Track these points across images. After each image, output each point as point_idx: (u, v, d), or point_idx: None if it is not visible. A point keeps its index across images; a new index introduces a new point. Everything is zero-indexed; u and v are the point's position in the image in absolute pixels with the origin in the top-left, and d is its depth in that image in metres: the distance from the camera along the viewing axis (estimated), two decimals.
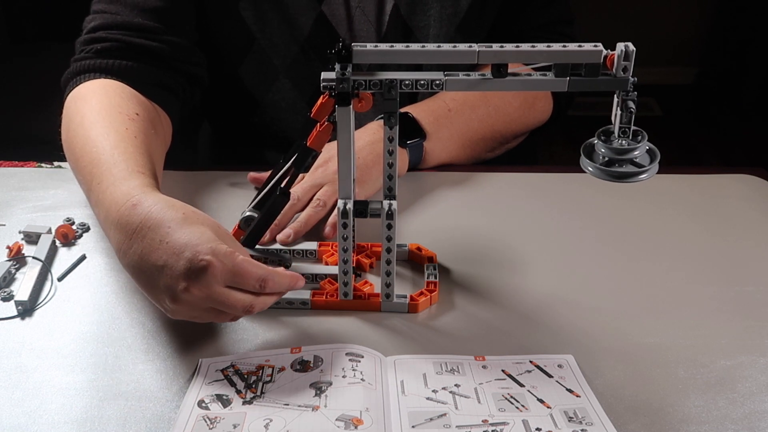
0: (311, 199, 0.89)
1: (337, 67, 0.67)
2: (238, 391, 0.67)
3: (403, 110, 0.98)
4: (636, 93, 0.70)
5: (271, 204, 0.78)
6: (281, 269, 0.71)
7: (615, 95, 0.71)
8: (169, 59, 0.97)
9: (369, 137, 0.94)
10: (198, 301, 0.67)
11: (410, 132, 0.97)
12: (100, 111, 0.86)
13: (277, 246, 0.86)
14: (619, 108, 0.71)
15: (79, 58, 0.95)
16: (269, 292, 0.69)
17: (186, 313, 0.69)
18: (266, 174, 0.93)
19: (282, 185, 0.78)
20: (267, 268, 0.69)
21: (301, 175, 0.92)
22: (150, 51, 0.95)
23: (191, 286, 0.66)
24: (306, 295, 0.78)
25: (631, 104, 0.70)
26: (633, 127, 0.72)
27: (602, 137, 0.73)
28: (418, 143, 0.97)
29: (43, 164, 1.02)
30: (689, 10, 3.11)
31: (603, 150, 0.73)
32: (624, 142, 0.72)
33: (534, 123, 1.10)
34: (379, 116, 0.97)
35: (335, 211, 0.86)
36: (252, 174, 0.96)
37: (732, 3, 2.96)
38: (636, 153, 0.72)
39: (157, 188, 0.76)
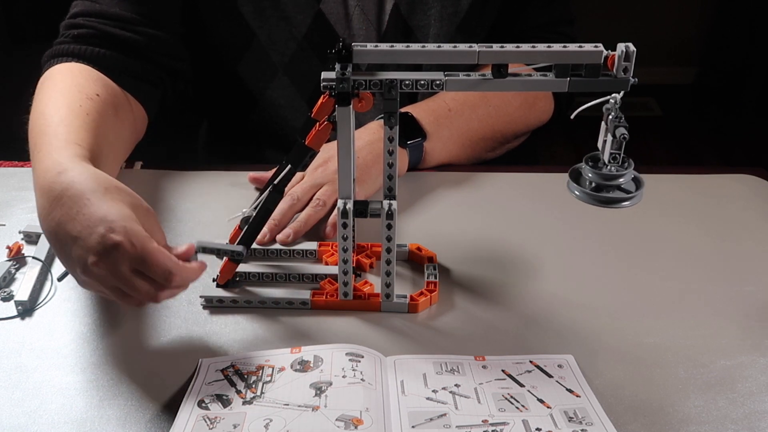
0: (311, 198, 0.89)
1: (337, 66, 0.67)
2: (238, 391, 0.67)
3: (403, 110, 0.98)
4: (626, 124, 0.71)
5: (265, 201, 0.77)
6: (188, 263, 0.69)
7: (603, 121, 0.72)
8: (146, 51, 0.98)
9: (369, 137, 0.94)
10: (104, 277, 0.67)
11: (410, 132, 0.97)
12: (61, 89, 0.88)
13: (277, 246, 0.86)
14: (610, 134, 0.72)
15: (58, 42, 0.97)
16: (174, 286, 0.68)
17: (94, 286, 0.69)
18: (266, 174, 0.93)
19: (276, 182, 0.77)
20: (175, 262, 0.68)
21: (299, 175, 0.92)
22: (125, 41, 0.96)
23: (100, 261, 0.66)
24: (306, 295, 0.78)
25: (624, 131, 0.71)
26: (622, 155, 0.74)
27: (590, 162, 0.75)
28: (418, 143, 0.97)
29: None
30: (689, 10, 3.11)
31: (590, 175, 0.75)
32: (612, 168, 0.74)
33: (535, 123, 1.10)
34: (379, 116, 0.97)
35: (335, 211, 0.86)
36: (252, 174, 0.96)
37: (732, 3, 2.96)
38: (622, 180, 0.74)
39: (90, 161, 0.76)
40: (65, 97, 0.86)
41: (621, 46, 0.66)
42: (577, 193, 0.75)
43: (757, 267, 0.84)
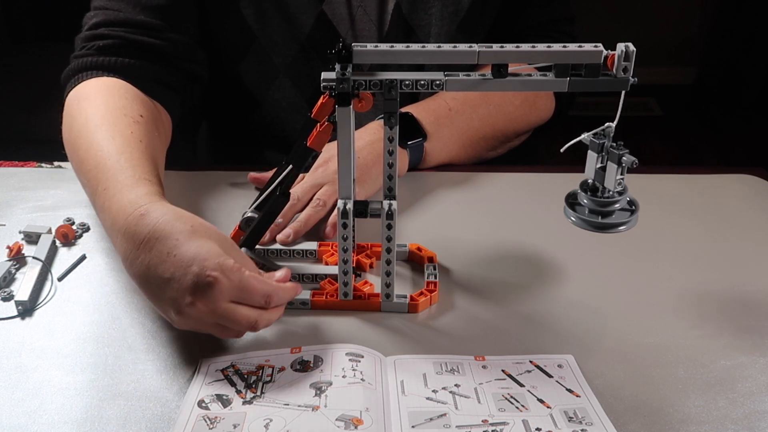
0: (311, 199, 0.89)
1: (338, 67, 0.67)
2: (238, 391, 0.67)
3: (403, 110, 0.98)
4: (627, 150, 0.73)
5: (271, 204, 0.78)
6: (284, 283, 0.71)
7: (593, 151, 0.73)
8: (171, 57, 0.97)
9: (369, 137, 0.94)
10: (203, 316, 0.67)
11: (411, 132, 0.97)
12: (104, 112, 0.86)
13: (277, 246, 0.86)
14: (612, 162, 0.73)
15: (80, 55, 0.95)
16: (274, 306, 0.69)
17: (191, 325, 0.69)
18: (267, 174, 0.93)
19: (282, 186, 0.78)
20: (272, 284, 0.69)
21: (301, 175, 0.92)
22: (152, 48, 0.95)
23: (197, 301, 0.66)
24: (306, 295, 0.78)
25: (634, 158, 0.73)
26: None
27: (585, 188, 0.76)
28: (418, 144, 0.97)
29: (43, 164, 1.02)
30: (689, 10, 3.11)
31: (586, 201, 0.76)
32: (608, 194, 0.75)
33: (536, 121, 1.10)
34: (380, 116, 0.97)
35: (335, 211, 0.86)
36: (252, 174, 0.96)
37: (732, 3, 2.96)
38: (618, 206, 0.75)
39: (164, 196, 0.76)
40: (113, 123, 0.84)
41: (621, 46, 0.66)
42: (573, 219, 0.77)
43: (757, 267, 0.84)
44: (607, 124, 0.72)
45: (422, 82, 0.68)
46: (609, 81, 0.67)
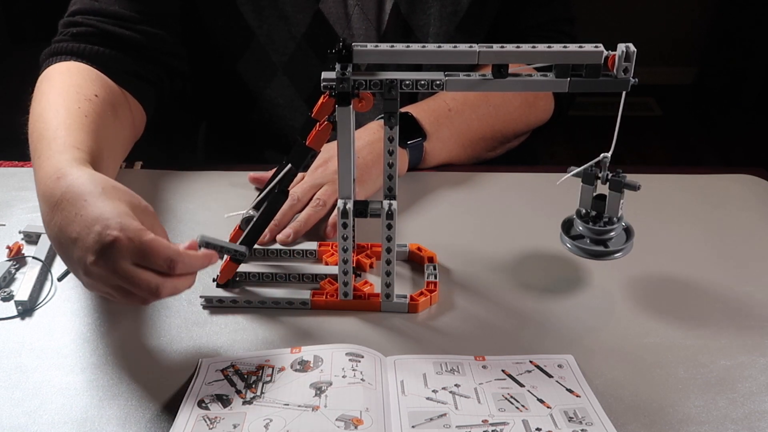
0: (311, 199, 0.89)
1: (338, 66, 0.67)
2: (238, 391, 0.67)
3: (403, 110, 0.98)
4: (624, 175, 0.75)
5: (269, 202, 0.78)
6: (193, 251, 0.69)
7: (587, 183, 0.76)
8: (144, 49, 0.98)
9: (369, 137, 0.94)
10: (106, 276, 0.66)
11: (410, 132, 0.97)
12: (59, 91, 0.87)
13: (277, 246, 0.86)
14: (613, 191, 0.75)
15: (57, 40, 0.97)
16: (179, 273, 0.67)
17: (98, 287, 0.69)
18: (267, 174, 0.93)
19: (280, 184, 0.77)
20: (177, 249, 0.67)
21: (300, 175, 0.92)
22: (124, 39, 0.96)
23: (99, 260, 0.65)
24: (306, 295, 0.78)
25: (636, 183, 0.75)
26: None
27: (581, 216, 0.77)
28: (418, 143, 0.97)
29: None
30: (689, 9, 3.11)
31: (581, 229, 0.77)
32: (603, 221, 0.77)
33: (535, 122, 1.10)
34: (379, 116, 0.97)
35: (335, 211, 0.86)
36: (252, 174, 0.96)
37: (732, 3, 2.96)
38: (613, 234, 0.77)
39: (89, 164, 0.76)
40: (63, 98, 0.86)
41: (621, 47, 0.66)
42: (569, 246, 0.78)
43: (757, 267, 0.84)
44: (602, 155, 0.74)
45: (422, 82, 0.68)
46: (609, 81, 0.67)
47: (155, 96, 1.01)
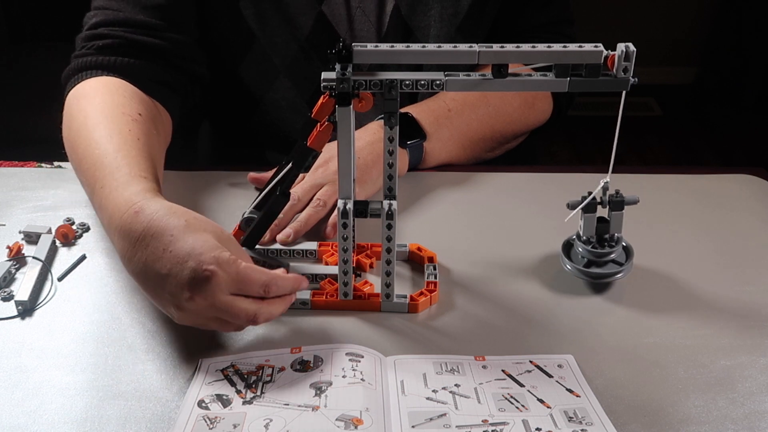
0: (311, 199, 0.89)
1: (338, 67, 0.67)
2: (238, 391, 0.67)
3: (403, 110, 0.98)
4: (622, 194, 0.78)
5: (271, 204, 0.78)
6: (282, 271, 0.71)
7: (585, 210, 0.77)
8: (171, 57, 0.97)
9: (369, 137, 0.94)
10: (202, 310, 0.67)
11: (410, 132, 0.97)
12: (103, 110, 0.86)
13: (277, 246, 0.86)
14: (620, 210, 0.77)
15: (80, 55, 0.95)
16: (273, 296, 0.69)
17: (191, 320, 0.69)
18: (266, 174, 0.93)
19: (282, 185, 0.78)
20: (269, 273, 0.69)
21: (301, 176, 0.92)
22: (152, 48, 0.95)
23: (195, 296, 0.66)
24: (306, 295, 0.78)
25: (635, 197, 0.77)
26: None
27: (581, 239, 0.79)
28: (418, 144, 0.97)
29: (43, 164, 1.02)
30: (689, 9, 3.11)
31: (581, 250, 0.79)
32: (604, 242, 0.79)
33: (534, 123, 1.10)
34: (380, 116, 0.97)
35: (335, 211, 0.86)
36: (252, 174, 0.96)
37: (732, 3, 2.96)
38: (614, 255, 0.79)
39: (160, 192, 0.76)
40: (111, 120, 0.85)
41: (621, 46, 0.66)
42: (569, 267, 0.80)
43: (757, 267, 0.84)
44: (603, 181, 0.76)
45: (422, 82, 0.68)
46: (609, 81, 0.68)
47: (180, 103, 1.00)
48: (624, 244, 0.80)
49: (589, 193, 0.76)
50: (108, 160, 0.79)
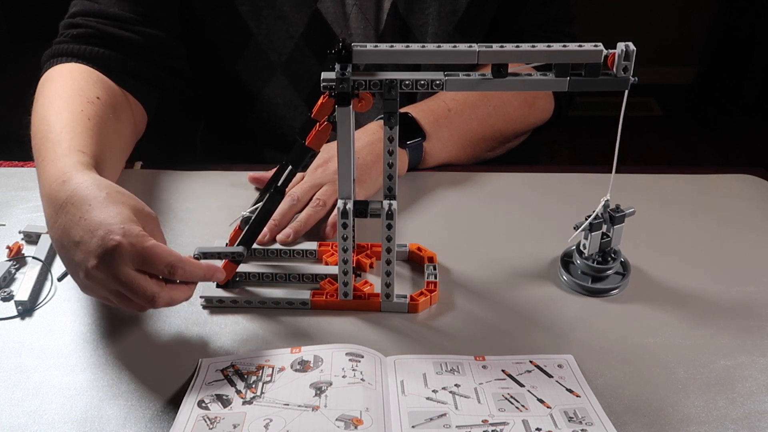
0: (311, 199, 0.89)
1: (337, 67, 0.67)
2: (238, 391, 0.67)
3: (402, 110, 0.98)
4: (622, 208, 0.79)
5: (266, 201, 0.77)
6: (198, 263, 0.70)
7: (587, 230, 0.78)
8: (144, 50, 0.98)
9: (368, 138, 0.94)
10: (106, 280, 0.67)
11: (410, 132, 0.97)
12: (62, 93, 0.88)
13: (277, 246, 0.86)
14: (621, 223, 0.78)
15: (58, 41, 0.97)
16: (180, 280, 0.69)
17: (96, 291, 0.70)
18: (267, 174, 0.93)
19: (278, 183, 0.77)
20: (178, 256, 0.68)
21: (300, 175, 0.92)
22: (124, 41, 0.97)
23: (100, 264, 0.66)
24: (306, 295, 0.78)
25: (632, 210, 0.79)
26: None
27: (580, 253, 0.80)
28: (417, 144, 0.97)
29: None
30: (689, 10, 3.11)
31: (579, 262, 0.80)
32: (602, 255, 0.80)
33: (535, 122, 1.10)
34: (379, 116, 0.97)
35: (335, 211, 0.86)
36: (252, 174, 0.96)
37: (732, 3, 2.96)
38: (611, 271, 0.80)
39: (93, 168, 0.77)
40: (66, 101, 0.86)
41: (621, 45, 0.66)
42: (565, 279, 0.81)
43: (756, 267, 0.84)
44: (604, 200, 0.77)
45: (422, 82, 0.68)
46: (609, 80, 0.67)
47: (156, 97, 1.01)
48: (622, 259, 0.81)
49: (593, 212, 0.78)
50: (53, 135, 0.81)
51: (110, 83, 0.94)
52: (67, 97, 0.87)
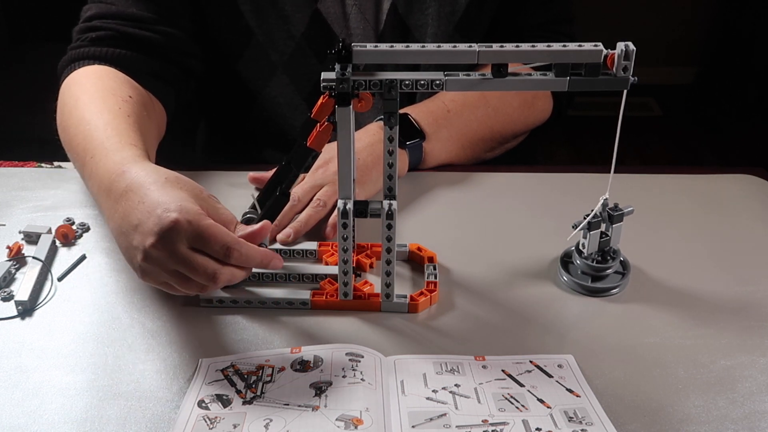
0: (311, 199, 0.89)
1: (337, 67, 0.67)
2: (238, 391, 0.67)
3: (402, 111, 0.98)
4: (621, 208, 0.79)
5: (271, 204, 0.78)
6: (254, 246, 0.71)
7: (587, 229, 0.78)
8: (163, 50, 0.98)
9: (369, 138, 0.94)
10: (164, 260, 0.68)
11: (409, 133, 0.97)
12: (93, 93, 0.89)
13: (277, 246, 0.86)
14: (620, 222, 0.78)
15: (75, 46, 0.97)
16: (235, 263, 0.69)
17: (154, 275, 0.70)
18: (266, 174, 0.93)
19: (282, 185, 0.78)
20: (235, 237, 0.69)
21: (301, 176, 0.92)
22: (144, 41, 0.97)
23: (158, 243, 0.67)
24: (306, 295, 0.78)
25: (630, 209, 0.79)
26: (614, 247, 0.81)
27: (579, 252, 0.80)
28: (417, 144, 0.97)
29: (43, 164, 1.02)
30: (689, 9, 3.11)
31: (579, 262, 0.80)
32: (602, 255, 0.80)
33: (534, 122, 1.10)
34: (379, 117, 0.97)
35: (335, 212, 0.86)
36: (252, 174, 0.96)
37: (732, 3, 2.96)
38: (611, 271, 0.80)
39: (147, 158, 0.78)
40: (102, 100, 0.87)
41: (621, 45, 0.66)
42: (565, 278, 0.81)
43: (756, 267, 0.84)
44: (602, 199, 0.77)
45: (422, 82, 0.68)
46: (609, 80, 0.67)
47: (174, 97, 1.02)
48: (622, 258, 0.81)
49: (591, 211, 0.77)
50: (98, 133, 0.81)
51: (136, 84, 0.95)
52: (100, 97, 0.88)
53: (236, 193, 0.96)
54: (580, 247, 0.80)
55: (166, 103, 1.00)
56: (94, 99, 0.87)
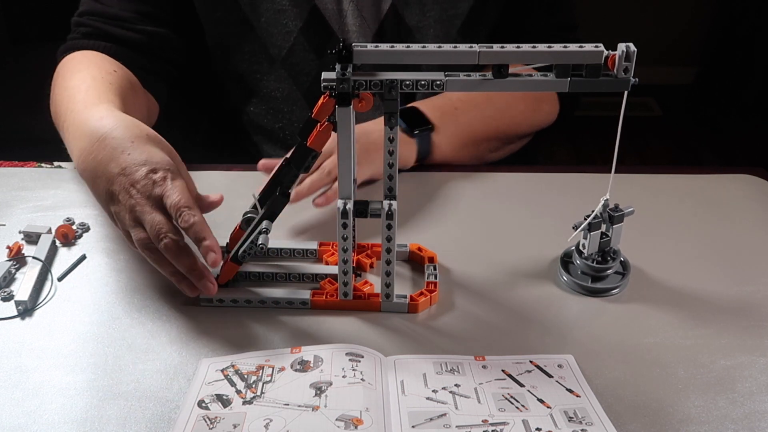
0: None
1: (338, 67, 0.67)
2: (238, 391, 0.67)
3: (410, 105, 1.00)
4: (621, 208, 0.79)
5: (270, 204, 0.78)
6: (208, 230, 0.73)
7: (587, 230, 0.78)
8: (147, 48, 1.02)
9: (373, 126, 0.95)
10: (133, 207, 0.72)
11: (418, 124, 0.98)
12: (82, 67, 0.95)
13: (277, 246, 0.85)
14: (621, 222, 0.79)
15: (70, 38, 1.03)
16: (183, 225, 0.72)
17: (122, 217, 0.74)
18: (276, 161, 0.93)
19: (282, 186, 0.77)
20: (193, 203, 0.73)
21: (301, 176, 0.91)
22: (127, 40, 1.01)
23: (138, 184, 0.72)
24: (306, 294, 0.78)
25: (631, 209, 0.79)
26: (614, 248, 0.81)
27: (580, 253, 0.80)
28: (426, 133, 0.97)
29: (43, 164, 1.02)
30: (689, 9, 3.11)
31: (579, 262, 0.80)
32: (602, 255, 0.80)
33: (539, 125, 1.10)
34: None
35: (333, 185, 0.87)
36: (263, 161, 0.94)
37: (732, 3, 2.96)
38: (611, 271, 0.80)
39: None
40: (86, 72, 0.92)
41: (621, 46, 0.66)
42: (565, 278, 0.81)
43: (756, 267, 0.84)
44: (603, 199, 0.77)
45: (423, 83, 0.68)
46: (610, 81, 0.67)
47: (165, 89, 1.05)
48: (622, 258, 0.81)
49: (592, 212, 0.78)
50: (80, 95, 0.86)
51: (123, 67, 0.99)
52: (85, 69, 0.93)
53: (236, 193, 0.96)
54: (581, 248, 0.80)
55: (156, 93, 1.04)
56: (80, 71, 0.92)
